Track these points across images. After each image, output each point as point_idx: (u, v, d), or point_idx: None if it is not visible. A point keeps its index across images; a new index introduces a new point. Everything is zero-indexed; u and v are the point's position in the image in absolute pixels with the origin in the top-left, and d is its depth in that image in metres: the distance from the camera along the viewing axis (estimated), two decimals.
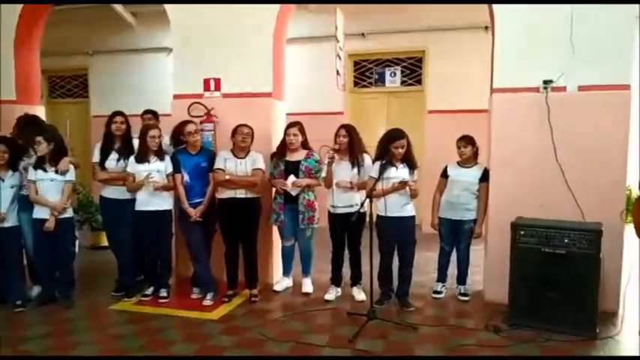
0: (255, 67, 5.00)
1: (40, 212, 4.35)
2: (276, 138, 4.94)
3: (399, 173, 4.29)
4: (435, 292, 4.74)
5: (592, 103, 4.20)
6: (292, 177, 4.61)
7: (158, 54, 8.71)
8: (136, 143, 4.60)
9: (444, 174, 4.69)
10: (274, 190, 4.82)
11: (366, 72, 8.36)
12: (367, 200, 4.07)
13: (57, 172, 4.36)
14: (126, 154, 4.60)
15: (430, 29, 7.60)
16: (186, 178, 4.53)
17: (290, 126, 4.70)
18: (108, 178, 4.66)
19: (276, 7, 4.94)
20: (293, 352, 3.56)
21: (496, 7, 4.40)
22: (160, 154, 4.53)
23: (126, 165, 4.54)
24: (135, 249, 4.67)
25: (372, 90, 8.36)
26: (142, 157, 4.47)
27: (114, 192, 4.67)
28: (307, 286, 4.86)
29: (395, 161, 4.31)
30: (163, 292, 4.62)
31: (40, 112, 5.72)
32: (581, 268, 3.77)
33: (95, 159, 4.70)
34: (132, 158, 4.51)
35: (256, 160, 4.57)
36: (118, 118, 4.66)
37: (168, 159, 4.55)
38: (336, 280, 4.74)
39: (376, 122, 7.71)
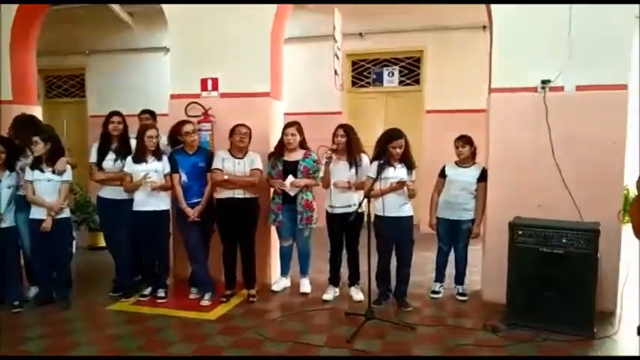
0: (252, 67, 4.99)
1: (37, 212, 4.34)
2: (274, 138, 4.94)
3: (397, 173, 4.29)
4: (433, 292, 4.74)
5: (590, 103, 4.20)
6: (291, 177, 4.61)
7: (156, 53, 8.70)
8: (134, 143, 4.59)
9: (442, 174, 4.70)
10: (272, 190, 4.82)
11: (364, 72, 8.36)
12: (365, 200, 4.08)
13: (54, 173, 4.34)
14: (123, 155, 4.59)
15: (428, 29, 7.61)
16: (183, 178, 4.52)
17: (288, 126, 4.70)
18: (105, 179, 4.65)
19: (273, 7, 4.94)
20: (291, 352, 3.56)
21: (494, 7, 4.41)
22: (158, 154, 4.52)
23: (123, 165, 4.53)
24: (132, 249, 4.66)
25: (370, 90, 8.36)
26: (140, 157, 4.45)
27: (111, 192, 4.66)
28: (305, 286, 4.86)
29: (393, 161, 4.31)
30: (161, 293, 4.62)
31: (37, 112, 5.70)
32: (578, 268, 3.78)
33: (92, 159, 4.68)
34: (129, 158, 4.49)
35: (254, 160, 4.57)
36: (115, 118, 4.65)
37: (165, 159, 4.54)
38: (334, 280, 4.74)
39: (374, 122, 7.70)
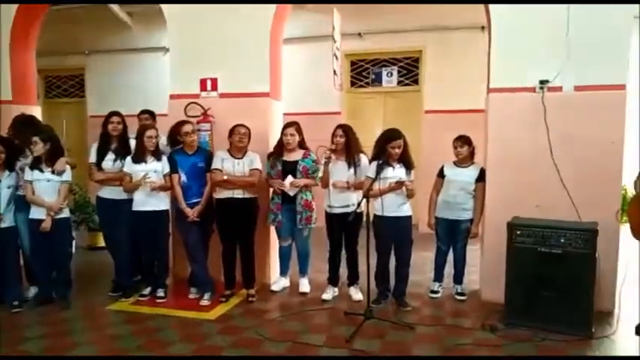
0: (252, 67, 5.00)
1: (37, 213, 4.34)
2: (273, 138, 4.94)
3: (396, 173, 4.30)
4: (432, 292, 4.75)
5: (588, 103, 4.21)
6: (290, 177, 4.61)
7: (155, 53, 8.70)
8: (133, 143, 4.59)
9: (441, 174, 4.70)
10: (271, 191, 4.83)
11: (363, 72, 8.37)
12: (364, 200, 4.08)
13: (53, 173, 4.35)
14: (122, 155, 4.59)
15: (427, 29, 7.62)
16: (183, 179, 4.52)
17: (287, 126, 4.71)
18: (104, 179, 4.65)
19: (273, 7, 4.94)
20: (290, 352, 3.57)
21: (492, 7, 4.42)
22: (157, 155, 4.52)
23: (122, 165, 4.54)
24: (132, 249, 4.67)
25: (369, 90, 8.36)
26: (139, 158, 4.46)
27: (111, 192, 4.66)
28: (304, 286, 4.86)
29: (392, 161, 4.32)
30: (161, 292, 4.62)
31: (37, 112, 5.71)
32: (577, 268, 3.78)
33: (92, 159, 4.69)
34: (129, 158, 4.50)
35: (254, 161, 4.57)
36: (115, 119, 4.65)
37: (165, 159, 4.54)
38: (333, 280, 4.75)
39: (373, 122, 7.70)
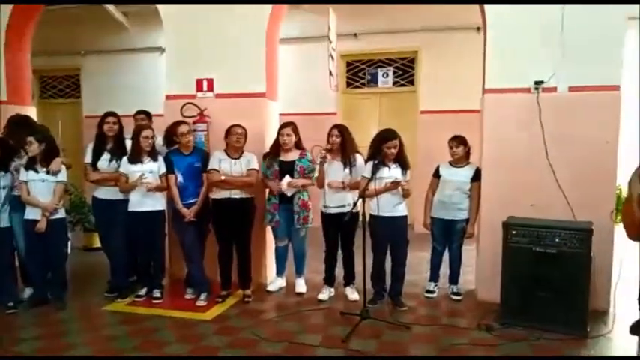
0: (248, 67, 5.00)
1: (32, 213, 4.33)
2: (269, 138, 4.94)
3: (392, 173, 4.31)
4: (428, 292, 4.76)
5: (583, 104, 4.23)
6: (288, 177, 4.61)
7: (151, 54, 8.66)
8: (129, 144, 4.58)
9: (436, 174, 4.72)
10: (267, 191, 4.82)
11: (359, 72, 8.38)
12: (360, 200, 4.09)
13: (48, 173, 4.33)
14: (118, 155, 4.59)
15: (422, 30, 7.63)
16: (179, 179, 4.52)
17: (283, 126, 4.71)
18: (100, 179, 4.65)
19: (268, 7, 4.94)
20: (286, 352, 3.57)
21: (488, 8, 4.43)
22: (153, 155, 4.52)
23: (118, 166, 4.53)
24: (128, 250, 4.66)
25: (365, 90, 8.37)
26: (135, 158, 4.45)
27: (106, 193, 4.66)
28: (300, 286, 4.87)
29: (387, 161, 4.33)
30: (157, 293, 4.62)
31: (32, 113, 5.70)
32: (571, 267, 3.80)
33: (87, 159, 4.68)
34: (125, 159, 4.49)
35: (251, 161, 4.58)
36: (110, 119, 4.65)
37: (161, 160, 4.54)
38: (330, 280, 4.75)
39: (369, 122, 7.72)
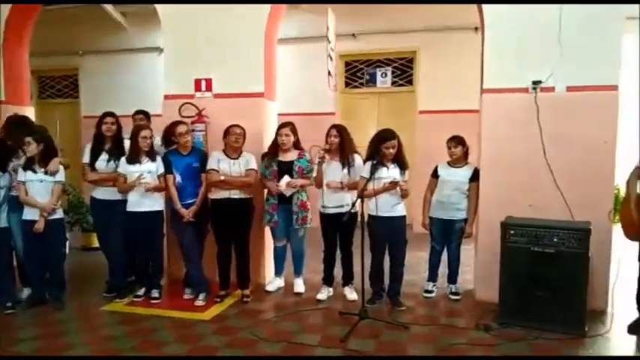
0: (246, 67, 4.99)
1: (30, 213, 4.32)
2: (267, 138, 4.94)
3: (390, 173, 4.31)
4: (426, 292, 4.76)
5: (581, 104, 4.24)
6: (287, 177, 4.61)
7: (149, 54, 8.67)
8: (128, 144, 4.58)
9: (435, 174, 4.72)
10: (266, 191, 4.82)
11: (358, 72, 8.39)
12: (358, 200, 4.09)
13: (46, 173, 4.32)
14: (116, 155, 4.58)
15: (421, 30, 7.65)
16: (178, 179, 4.52)
17: (282, 126, 4.71)
18: (98, 179, 4.64)
19: (267, 7, 4.94)
20: (285, 352, 3.57)
21: (486, 8, 4.43)
22: (152, 155, 4.51)
23: (116, 166, 4.53)
24: (126, 250, 4.65)
25: (363, 90, 8.38)
26: (134, 158, 4.45)
27: (104, 193, 4.65)
28: (299, 286, 4.87)
29: (386, 161, 4.33)
30: (155, 293, 4.61)
31: (30, 113, 5.69)
32: (570, 267, 3.81)
33: (85, 160, 4.68)
34: (123, 159, 4.49)
35: (249, 161, 4.58)
36: (109, 119, 4.64)
37: (159, 160, 4.53)
38: (328, 280, 4.75)
39: (367, 122, 7.73)
